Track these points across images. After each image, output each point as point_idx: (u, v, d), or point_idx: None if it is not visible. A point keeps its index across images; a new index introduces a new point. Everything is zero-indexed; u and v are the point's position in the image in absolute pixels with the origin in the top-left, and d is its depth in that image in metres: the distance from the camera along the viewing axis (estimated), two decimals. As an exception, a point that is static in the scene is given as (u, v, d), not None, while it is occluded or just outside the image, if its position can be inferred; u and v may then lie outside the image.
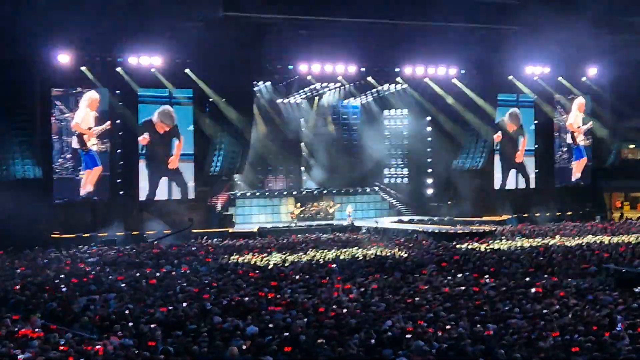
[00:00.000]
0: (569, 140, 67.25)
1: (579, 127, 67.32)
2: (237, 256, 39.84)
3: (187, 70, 53.87)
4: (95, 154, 51.85)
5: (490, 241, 45.36)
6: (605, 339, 19.21)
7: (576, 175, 67.66)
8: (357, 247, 42.80)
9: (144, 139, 53.82)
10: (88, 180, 51.74)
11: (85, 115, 51.46)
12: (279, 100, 64.27)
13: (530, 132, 65.78)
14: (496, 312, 23.34)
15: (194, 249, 44.08)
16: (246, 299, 25.87)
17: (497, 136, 64.42)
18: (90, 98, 51.60)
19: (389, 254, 39.43)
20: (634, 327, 20.78)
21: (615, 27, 64.11)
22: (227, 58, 53.71)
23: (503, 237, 47.61)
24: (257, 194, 62.28)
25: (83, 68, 50.82)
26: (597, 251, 38.04)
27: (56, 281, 30.59)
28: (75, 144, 51.24)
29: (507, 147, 64.94)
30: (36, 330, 20.60)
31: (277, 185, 63.68)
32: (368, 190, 66.48)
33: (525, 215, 61.66)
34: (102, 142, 52.06)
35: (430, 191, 66.03)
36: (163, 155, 54.64)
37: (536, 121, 65.46)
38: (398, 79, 62.37)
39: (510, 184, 65.06)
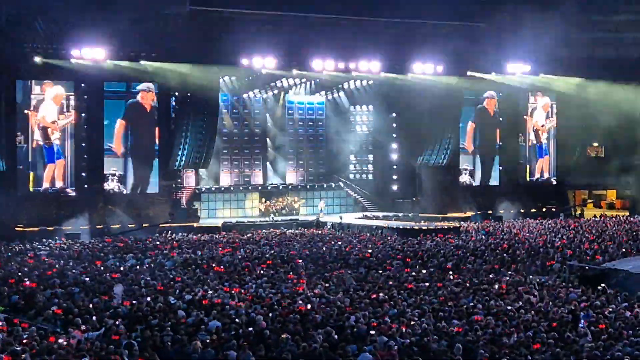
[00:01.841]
0: (532, 138, 67.45)
1: (543, 125, 67.55)
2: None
3: (152, 64, 53.62)
4: (59, 148, 51.57)
5: (455, 237, 45.48)
6: (568, 335, 19.37)
7: (540, 173, 67.84)
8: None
9: None
10: (52, 174, 51.45)
11: (49, 109, 51.17)
12: (244, 95, 64.10)
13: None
14: (460, 309, 23.40)
15: (158, 243, 43.88)
16: (210, 293, 25.82)
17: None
18: (55, 92, 51.31)
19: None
20: (597, 324, 20.94)
21: (586, 26, 64.57)
22: (192, 52, 53.56)
23: (467, 234, 47.75)
24: (222, 188, 62.16)
25: (48, 61, 50.46)
26: (560, 248, 38.24)
27: (20, 274, 30.37)
28: (38, 137, 50.93)
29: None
30: (-1, 324, 20.47)
31: (242, 180, 63.47)
32: (333, 185, 66.52)
33: (490, 212, 61.87)
34: (67, 135, 51.85)
35: (395, 187, 66.16)
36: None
37: (500, 119, 65.57)
38: (366, 75, 62.32)
39: (477, 181, 65.17)
